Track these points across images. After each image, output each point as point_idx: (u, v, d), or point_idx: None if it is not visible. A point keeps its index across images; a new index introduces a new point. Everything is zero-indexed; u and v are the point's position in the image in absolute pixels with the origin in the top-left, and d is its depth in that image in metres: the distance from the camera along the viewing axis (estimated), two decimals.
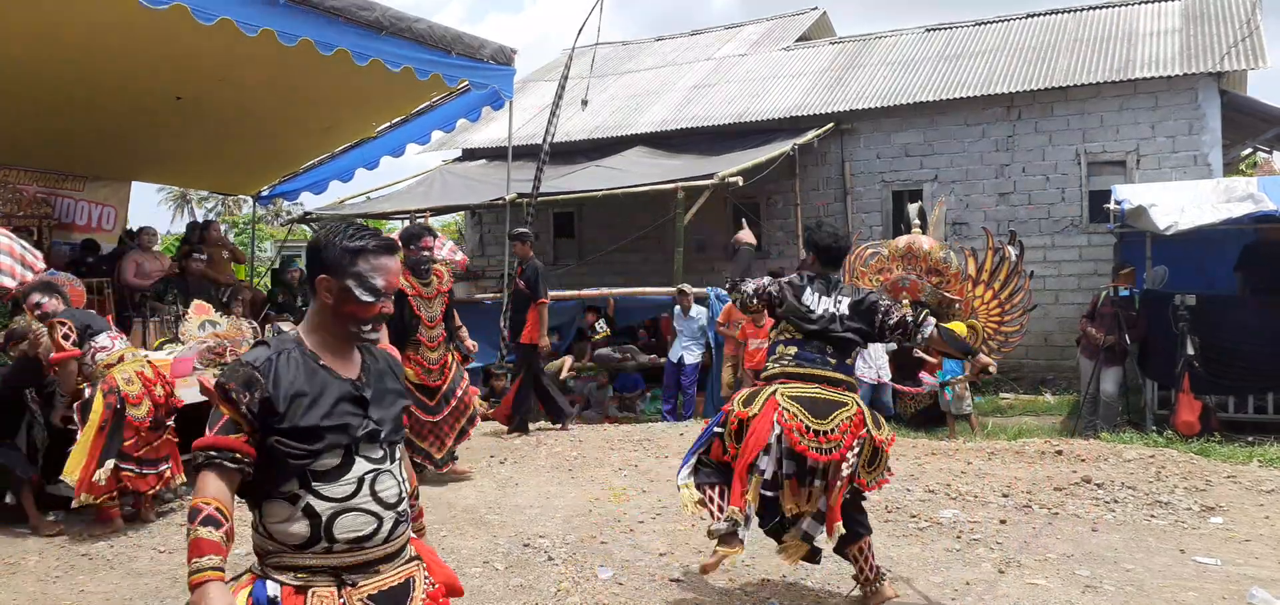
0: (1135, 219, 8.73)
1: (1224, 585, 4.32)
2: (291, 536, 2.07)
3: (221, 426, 2.04)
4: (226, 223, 24.00)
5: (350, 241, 2.12)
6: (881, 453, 3.93)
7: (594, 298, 11.61)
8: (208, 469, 2.04)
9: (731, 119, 13.86)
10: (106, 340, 5.61)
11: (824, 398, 3.88)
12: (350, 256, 2.11)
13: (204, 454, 2.04)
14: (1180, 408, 8.44)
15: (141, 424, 5.50)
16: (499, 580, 4.51)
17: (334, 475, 2.06)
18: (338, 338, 2.16)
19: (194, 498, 2.05)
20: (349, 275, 2.11)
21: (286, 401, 2.03)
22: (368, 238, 2.15)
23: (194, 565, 2.03)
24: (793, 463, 3.86)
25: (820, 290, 4.09)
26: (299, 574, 2.06)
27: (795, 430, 3.79)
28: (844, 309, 4.06)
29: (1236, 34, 11.83)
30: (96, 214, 11.31)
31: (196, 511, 2.03)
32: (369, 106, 10.31)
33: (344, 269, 2.11)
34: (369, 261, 2.13)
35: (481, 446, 7.69)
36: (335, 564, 2.07)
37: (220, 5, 6.34)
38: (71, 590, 4.53)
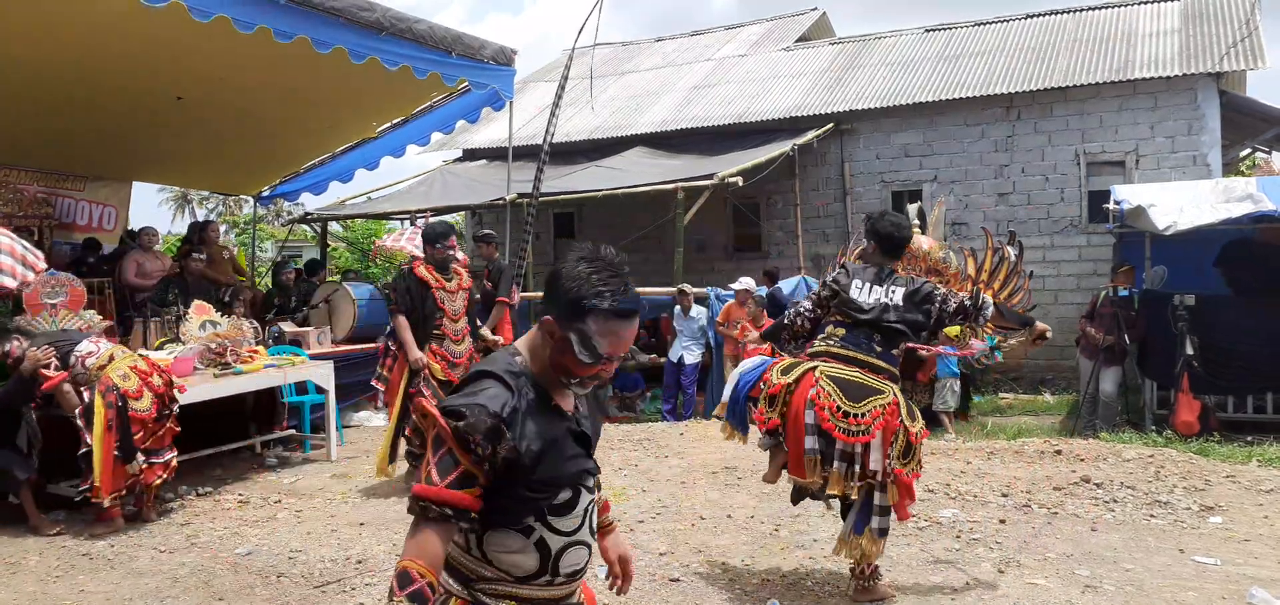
0: (1134, 219, 8.73)
1: (1223, 585, 4.32)
2: (518, 568, 1.91)
3: (456, 478, 1.80)
4: (226, 223, 24.03)
5: (589, 296, 1.88)
6: (915, 446, 3.96)
7: None
8: (430, 525, 1.80)
9: (731, 119, 13.87)
10: (90, 345, 5.65)
11: (860, 382, 3.93)
12: (582, 312, 1.88)
13: (433, 507, 1.80)
14: (1179, 408, 8.45)
15: (147, 416, 5.53)
16: None
17: (565, 509, 1.93)
18: (553, 377, 1.96)
19: (409, 558, 1.79)
20: (574, 329, 1.89)
21: (531, 456, 1.85)
22: (610, 296, 1.89)
23: None
24: (819, 439, 3.92)
25: (871, 280, 4.12)
26: (515, 603, 1.93)
27: (827, 409, 3.86)
28: (897, 299, 4.08)
29: (1235, 34, 11.84)
30: (97, 214, 11.32)
31: (408, 578, 1.76)
32: (369, 107, 10.32)
33: (572, 320, 1.89)
34: (601, 323, 1.88)
35: None
36: (551, 596, 1.97)
37: (217, 3, 6.34)
38: (72, 590, 4.54)
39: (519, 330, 8.87)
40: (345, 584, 4.51)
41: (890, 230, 4.26)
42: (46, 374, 5.46)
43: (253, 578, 4.63)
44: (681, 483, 6.37)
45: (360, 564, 4.79)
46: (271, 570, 4.72)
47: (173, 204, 36.44)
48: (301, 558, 4.92)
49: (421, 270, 6.13)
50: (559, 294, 1.90)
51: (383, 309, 9.87)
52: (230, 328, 7.11)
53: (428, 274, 6.13)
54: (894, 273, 4.18)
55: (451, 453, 1.80)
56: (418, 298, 6.07)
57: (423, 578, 1.77)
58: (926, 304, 4.09)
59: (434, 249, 6.19)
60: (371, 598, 4.33)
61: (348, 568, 4.74)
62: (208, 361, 6.77)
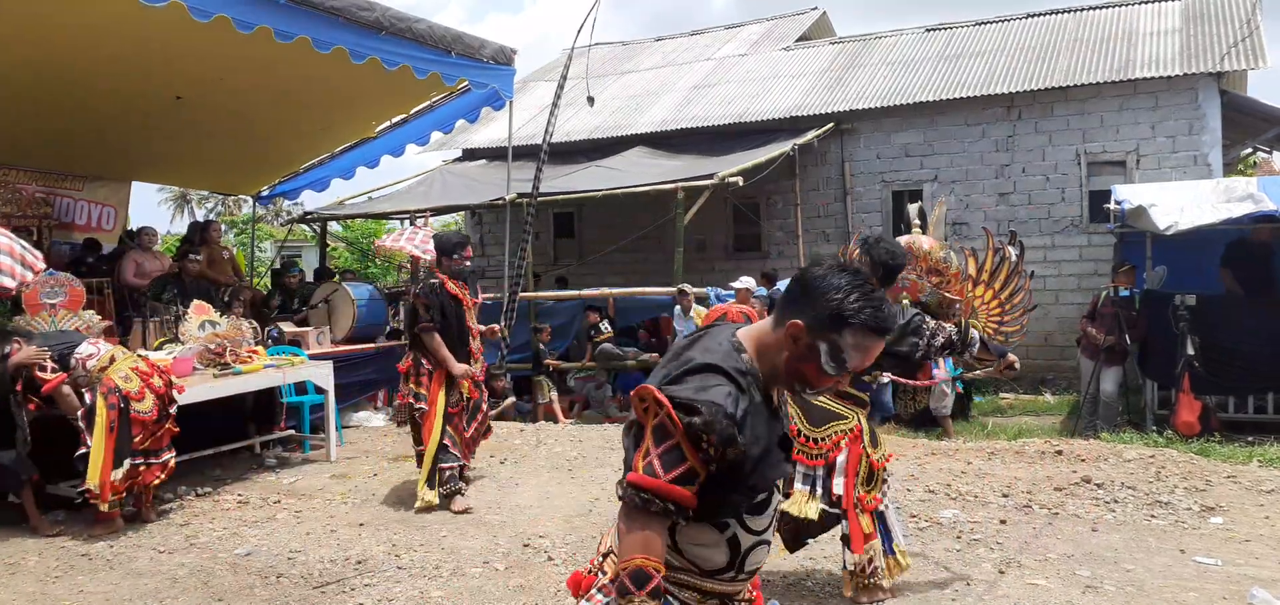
0: (1135, 219, 8.72)
1: (1224, 585, 4.31)
2: (708, 562, 1.88)
3: (681, 474, 1.75)
4: (226, 223, 24.03)
5: (852, 309, 1.83)
6: (877, 472, 4.00)
7: (594, 298, 11.61)
8: (654, 519, 1.76)
9: (731, 119, 13.86)
10: (90, 348, 5.62)
11: (825, 407, 3.98)
12: (841, 324, 1.83)
13: (657, 501, 1.75)
14: (1180, 408, 8.44)
15: (148, 418, 5.52)
16: (499, 580, 4.51)
17: (760, 510, 1.91)
18: (777, 380, 1.92)
19: (640, 554, 1.74)
20: (827, 339, 1.84)
21: (753, 461, 1.81)
22: (873, 311, 1.84)
23: None
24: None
25: None
26: (697, 595, 1.91)
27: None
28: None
29: (1236, 34, 11.83)
30: (96, 214, 11.32)
31: (644, 576, 1.73)
32: (369, 107, 10.32)
33: (826, 330, 1.84)
34: (858, 337, 1.84)
35: (482, 446, 7.68)
36: (731, 592, 1.94)
37: (217, 3, 6.33)
38: (71, 590, 4.53)
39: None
40: (345, 584, 4.50)
41: (886, 258, 4.18)
42: (44, 377, 5.44)
43: (252, 578, 4.62)
44: None
45: (360, 564, 4.79)
46: (271, 570, 4.71)
47: (172, 204, 36.44)
48: (301, 558, 4.91)
49: (452, 285, 5.91)
50: (815, 302, 1.85)
51: (382, 309, 9.88)
52: (230, 328, 7.10)
53: (456, 289, 5.94)
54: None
55: (679, 448, 1.75)
56: (452, 315, 5.86)
57: (658, 574, 1.74)
58: (913, 337, 4.06)
59: (451, 260, 5.98)
60: (371, 598, 4.33)
61: (347, 568, 4.73)
62: (207, 362, 6.77)
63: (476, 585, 4.43)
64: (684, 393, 1.77)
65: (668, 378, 1.81)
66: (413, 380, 5.89)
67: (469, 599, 4.28)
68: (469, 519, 5.59)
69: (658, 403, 1.77)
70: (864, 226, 13.16)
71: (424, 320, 5.78)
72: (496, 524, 5.49)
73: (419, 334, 5.81)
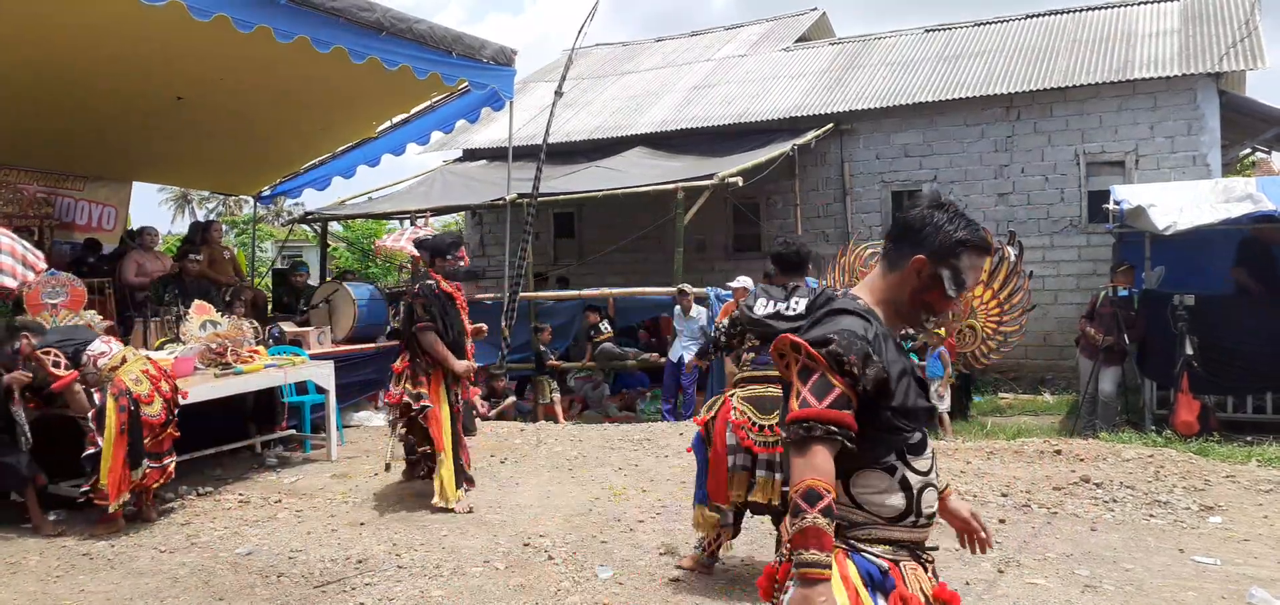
0: (1134, 219, 8.73)
1: (1223, 585, 4.33)
2: (887, 509, 1.96)
3: (834, 400, 1.86)
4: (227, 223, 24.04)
5: (959, 231, 2.02)
6: None
7: (594, 298, 11.63)
8: (822, 443, 1.84)
9: (731, 119, 13.87)
10: (102, 346, 5.61)
11: (771, 395, 4.15)
12: (956, 247, 2.01)
13: (819, 426, 1.84)
14: (1179, 408, 8.45)
15: (156, 421, 5.53)
16: (499, 580, 4.52)
17: (919, 449, 2.01)
18: (903, 317, 2.08)
19: (810, 476, 1.82)
20: (947, 265, 2.01)
21: (895, 379, 1.94)
22: (972, 230, 2.04)
23: (812, 558, 1.78)
24: (745, 456, 4.18)
25: (775, 298, 4.28)
26: (888, 546, 1.97)
27: (742, 426, 4.15)
28: (798, 310, 4.20)
29: (1235, 34, 11.84)
30: (97, 214, 11.33)
31: (815, 494, 1.80)
32: (369, 107, 10.32)
33: (945, 257, 2.01)
34: (971, 257, 2.03)
35: (481, 446, 7.70)
36: (915, 539, 2.01)
37: (216, 2, 6.33)
38: (72, 590, 4.54)
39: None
40: (345, 584, 4.51)
41: (780, 249, 4.50)
42: (57, 373, 5.41)
43: (253, 578, 4.63)
44: (681, 483, 6.37)
45: (360, 564, 4.80)
46: (271, 570, 4.72)
47: (173, 204, 36.46)
48: (301, 557, 4.92)
49: (447, 286, 5.93)
50: (929, 235, 2.02)
51: (382, 309, 9.89)
52: (230, 328, 7.11)
53: (451, 289, 5.96)
54: (802, 288, 4.33)
55: (824, 377, 1.88)
56: (449, 316, 5.88)
57: (828, 494, 1.81)
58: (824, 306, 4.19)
59: (446, 261, 6.01)
60: (372, 597, 4.34)
61: (348, 568, 4.74)
62: (208, 361, 6.78)
63: (476, 585, 4.45)
64: (815, 331, 1.94)
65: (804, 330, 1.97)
66: (409, 380, 5.87)
67: (469, 598, 4.29)
68: (469, 519, 5.61)
69: (795, 348, 1.92)
70: (864, 226, 13.18)
71: (422, 320, 5.78)
72: (496, 524, 5.50)
73: (417, 333, 5.81)
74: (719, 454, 4.25)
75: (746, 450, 4.16)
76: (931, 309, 2.07)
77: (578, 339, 11.76)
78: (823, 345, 1.88)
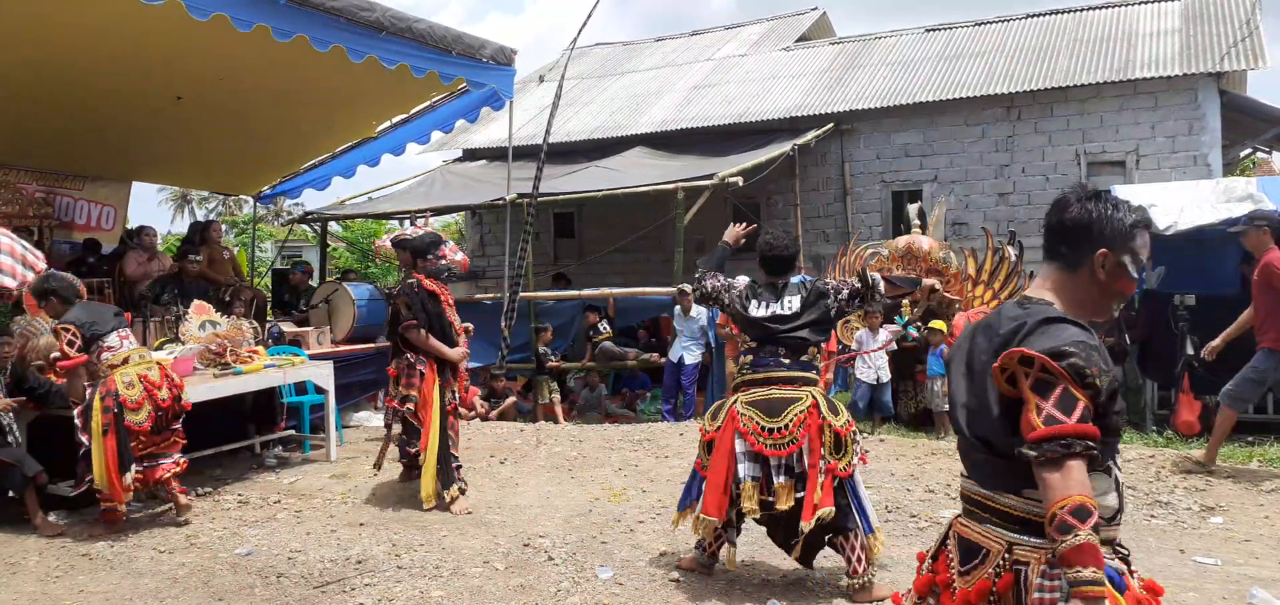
0: None
1: (1224, 585, 4.32)
2: (1105, 510, 1.94)
3: (1081, 413, 1.84)
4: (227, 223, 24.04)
5: (1128, 215, 2.06)
6: (844, 439, 4.05)
7: (594, 297, 11.62)
8: (1078, 458, 1.81)
9: (731, 119, 13.86)
10: (114, 340, 5.50)
11: (777, 397, 4.10)
12: (1130, 231, 2.05)
13: (1078, 442, 1.81)
14: (1180, 408, 8.44)
15: (141, 428, 5.39)
16: (499, 580, 4.51)
17: (1117, 448, 2.05)
18: (1092, 312, 2.09)
19: (1076, 492, 1.78)
20: (1126, 250, 2.05)
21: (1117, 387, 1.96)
22: (1137, 210, 2.09)
23: (1092, 576, 1.74)
24: (756, 464, 4.08)
25: (767, 298, 4.31)
26: (1108, 548, 1.96)
27: (752, 433, 4.05)
28: (794, 308, 4.25)
29: (1236, 34, 11.83)
30: (97, 214, 11.32)
31: (1086, 511, 1.76)
32: (369, 107, 10.31)
33: (1123, 243, 2.05)
34: (1142, 237, 2.08)
35: (482, 446, 7.69)
36: (1115, 536, 2.03)
37: (215, 1, 6.32)
38: (71, 590, 4.54)
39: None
40: (345, 584, 4.50)
41: (764, 249, 4.43)
42: (68, 352, 5.32)
43: (252, 578, 4.63)
44: (681, 483, 6.36)
45: (360, 564, 4.79)
46: (271, 570, 4.72)
47: (172, 204, 36.46)
48: (301, 558, 4.91)
49: (430, 284, 5.97)
50: (1107, 227, 2.05)
51: (382, 309, 9.88)
52: (230, 328, 7.11)
53: (435, 286, 6.00)
54: (791, 285, 4.34)
55: (1068, 391, 1.85)
56: (433, 314, 5.90)
57: (1095, 510, 1.79)
58: (823, 300, 4.26)
59: (427, 260, 6.05)
60: (371, 597, 4.33)
61: (347, 568, 4.74)
62: (207, 362, 6.77)
63: (476, 585, 4.44)
64: (1045, 343, 1.89)
65: (1018, 342, 1.92)
66: (404, 383, 5.91)
67: (469, 599, 4.28)
68: (469, 519, 5.60)
69: (1027, 361, 1.88)
70: (864, 226, 13.17)
71: (406, 318, 5.83)
72: (496, 524, 5.49)
73: (404, 333, 5.85)
74: (719, 470, 4.13)
75: (758, 457, 4.08)
76: (1121, 295, 2.10)
77: (577, 339, 11.76)
78: (1061, 358, 1.85)
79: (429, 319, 5.89)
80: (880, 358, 9.18)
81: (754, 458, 4.09)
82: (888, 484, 6.28)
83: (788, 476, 4.06)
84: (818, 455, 4.00)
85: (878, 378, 9.15)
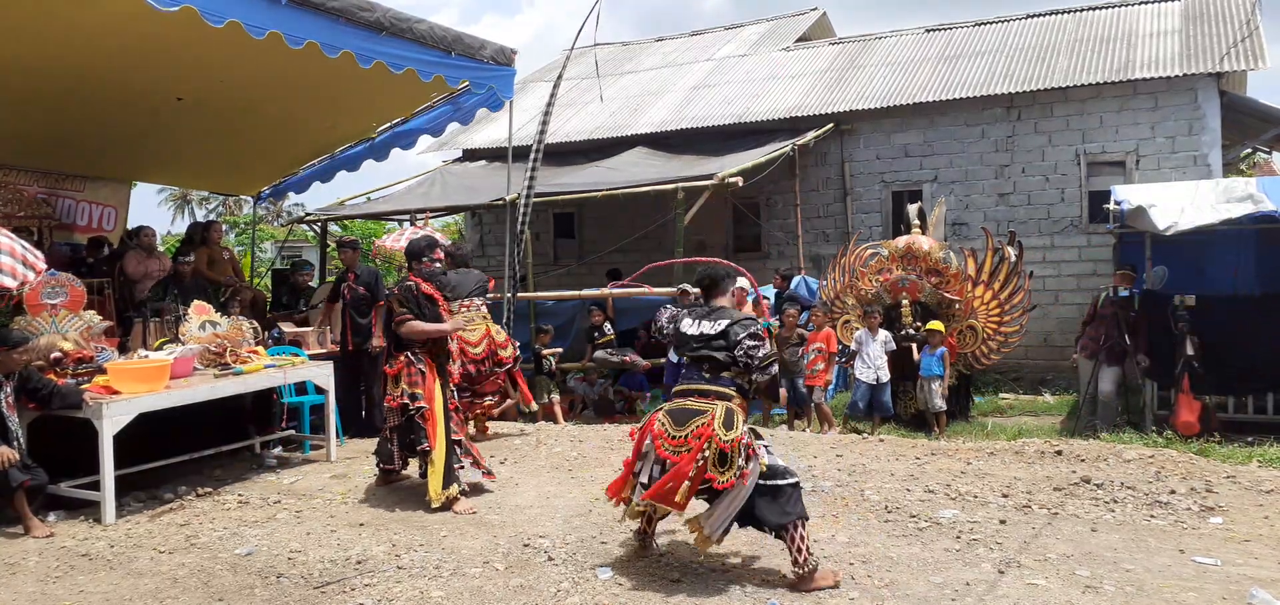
0: (1135, 219, 8.73)
1: (1224, 585, 4.32)
2: None
3: None
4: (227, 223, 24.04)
5: None
6: (729, 454, 4.25)
7: (594, 297, 11.61)
8: None
9: (731, 119, 13.87)
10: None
11: (688, 408, 4.41)
12: None
13: None
14: (1180, 408, 8.45)
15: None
16: (499, 580, 4.51)
17: None
18: None
19: None
20: None
21: None
22: None
23: None
24: (657, 466, 4.44)
25: (700, 316, 4.63)
26: None
27: (660, 438, 4.40)
28: (717, 330, 4.55)
29: (1236, 34, 11.84)
30: (97, 214, 11.33)
31: None
32: (369, 107, 10.31)
33: None
34: None
35: (482, 446, 7.68)
36: None
37: (229, 7, 6.32)
38: (71, 590, 4.53)
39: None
40: (345, 584, 4.50)
41: (698, 279, 4.86)
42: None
43: (252, 578, 4.62)
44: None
45: (360, 564, 4.79)
46: (271, 570, 4.72)
47: (172, 204, 36.47)
48: (301, 558, 4.91)
49: (426, 287, 6.02)
50: None
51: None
52: (230, 328, 7.10)
53: (431, 290, 6.05)
54: (722, 309, 4.64)
55: None
56: (432, 318, 5.97)
57: None
58: (724, 341, 4.49)
59: (422, 263, 6.10)
60: (371, 598, 4.33)
61: (347, 568, 4.74)
62: (207, 362, 6.77)
63: (476, 585, 4.44)
64: None
65: None
66: (406, 381, 5.94)
67: (469, 599, 4.28)
68: (469, 519, 5.60)
69: None
70: (864, 226, 13.17)
71: (399, 313, 5.93)
72: (496, 524, 5.49)
73: (396, 329, 5.93)
74: (628, 463, 4.59)
75: (659, 460, 4.39)
76: None
77: (577, 338, 11.74)
78: None
79: (425, 319, 5.95)
80: (880, 358, 9.19)
81: (657, 460, 4.43)
82: (887, 484, 6.28)
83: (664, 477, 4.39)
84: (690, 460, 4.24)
85: (877, 378, 9.15)
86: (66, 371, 6.18)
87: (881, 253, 9.91)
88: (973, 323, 9.60)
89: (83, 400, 5.64)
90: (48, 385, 5.78)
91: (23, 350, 5.67)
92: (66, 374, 6.14)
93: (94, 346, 6.54)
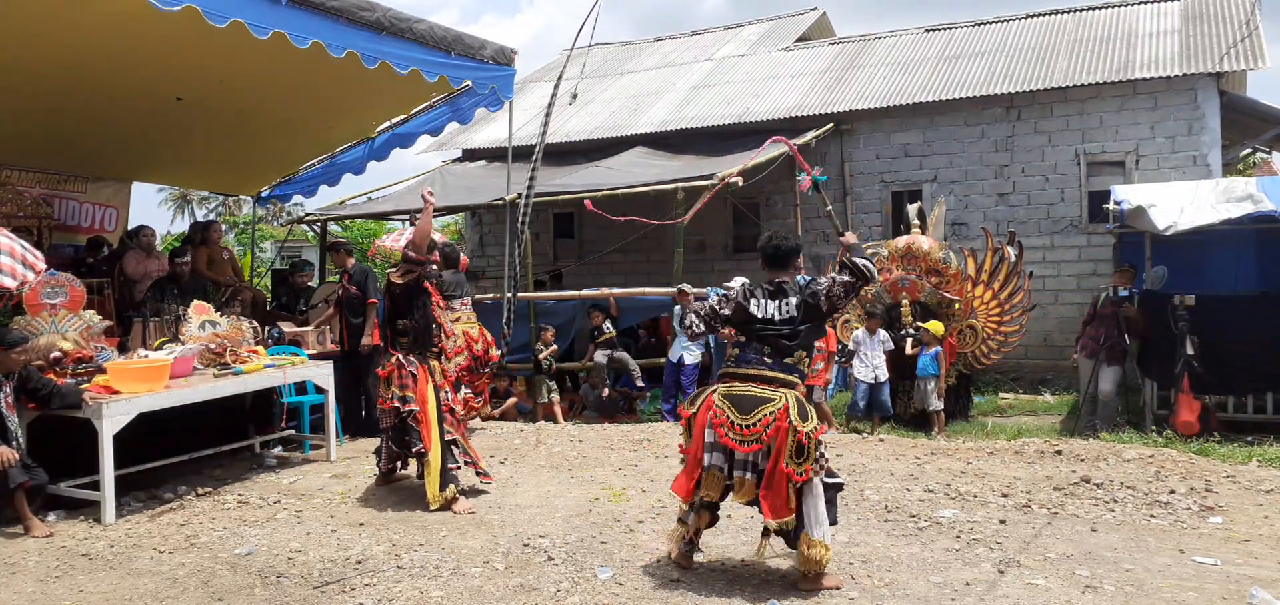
0: (1134, 219, 8.73)
1: (1223, 585, 4.32)
2: None
3: None
4: (227, 223, 24.04)
5: None
6: (806, 446, 4.08)
7: (594, 297, 11.61)
8: None
9: (731, 119, 13.86)
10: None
11: (752, 394, 4.17)
12: None
13: None
14: (1180, 408, 8.44)
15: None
16: (499, 580, 4.51)
17: None
18: None
19: None
20: None
21: None
22: None
23: None
24: (722, 454, 4.21)
25: (767, 295, 4.39)
26: None
27: (721, 425, 4.15)
28: (791, 310, 4.33)
29: (1236, 34, 11.84)
30: (98, 215, 11.32)
31: None
32: (369, 107, 10.30)
33: None
34: None
35: (482, 446, 7.68)
36: None
37: (232, 7, 6.31)
38: (71, 590, 4.54)
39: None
40: (345, 584, 4.50)
41: (765, 246, 4.57)
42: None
43: (252, 578, 4.63)
44: None
45: (360, 564, 4.79)
46: (271, 570, 4.72)
47: (173, 204, 36.45)
48: (301, 558, 4.91)
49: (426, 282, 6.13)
50: None
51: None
52: (230, 328, 7.10)
53: (428, 286, 6.16)
54: (790, 285, 4.42)
55: None
56: (424, 313, 6.07)
57: None
58: (813, 297, 4.33)
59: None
60: (371, 598, 4.33)
61: (347, 568, 4.74)
62: (207, 362, 6.77)
63: (476, 585, 4.44)
64: None
65: None
66: (397, 384, 5.96)
67: (469, 599, 4.28)
68: (469, 519, 5.60)
69: None
70: (864, 226, 13.17)
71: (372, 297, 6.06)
72: (496, 524, 5.49)
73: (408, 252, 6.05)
74: (694, 452, 4.30)
75: (723, 448, 4.19)
76: None
77: (578, 338, 11.74)
78: None
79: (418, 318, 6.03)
80: (878, 357, 9.19)
81: (720, 449, 4.20)
82: (887, 484, 6.29)
83: (751, 473, 4.18)
84: (783, 460, 4.06)
85: (876, 377, 9.15)
86: (66, 371, 6.18)
87: (881, 252, 9.91)
88: (972, 323, 9.60)
89: (82, 400, 5.64)
90: (47, 385, 5.78)
91: (22, 350, 5.67)
92: (66, 374, 6.14)
93: (93, 346, 6.54)
